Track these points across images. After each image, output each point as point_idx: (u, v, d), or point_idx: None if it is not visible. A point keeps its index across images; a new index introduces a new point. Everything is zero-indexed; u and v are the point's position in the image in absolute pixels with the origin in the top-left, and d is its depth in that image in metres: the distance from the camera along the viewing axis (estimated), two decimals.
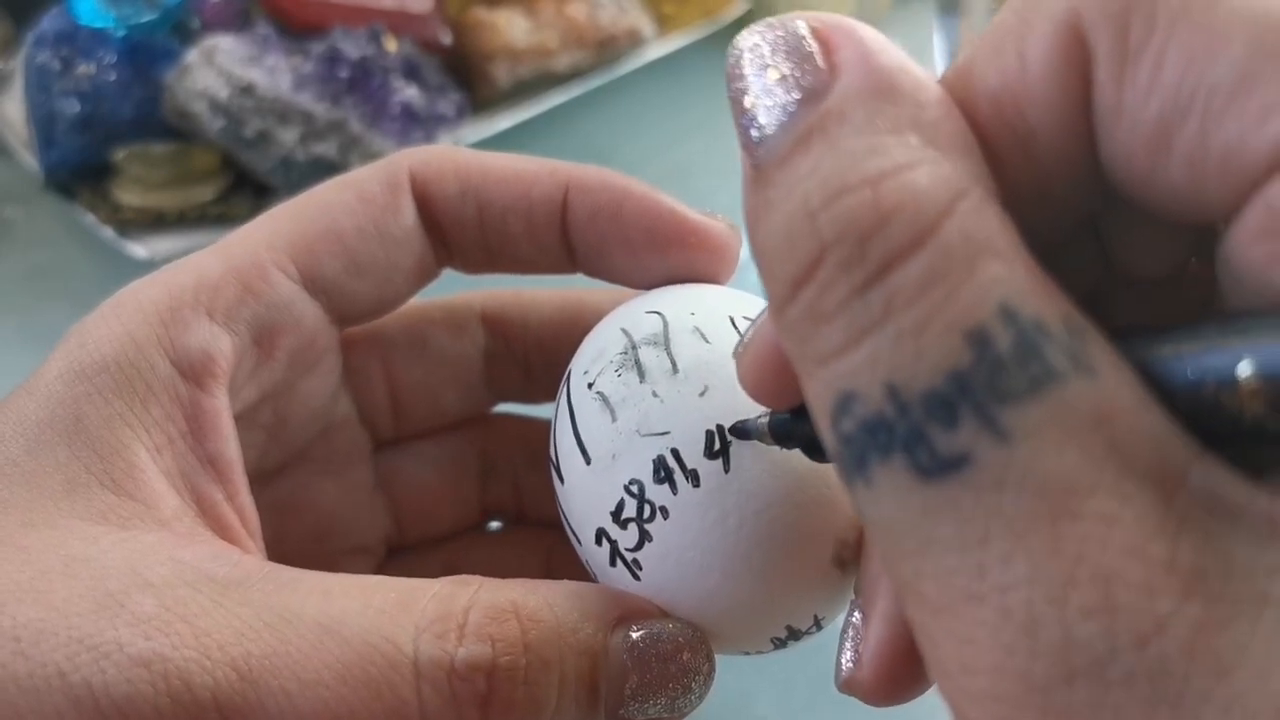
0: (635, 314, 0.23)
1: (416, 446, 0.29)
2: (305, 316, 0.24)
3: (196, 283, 0.22)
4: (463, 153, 0.25)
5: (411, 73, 0.53)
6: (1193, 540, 0.11)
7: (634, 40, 0.59)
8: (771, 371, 0.17)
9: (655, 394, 0.21)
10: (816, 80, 0.14)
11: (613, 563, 0.21)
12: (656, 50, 0.60)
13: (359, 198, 0.24)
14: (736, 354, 0.18)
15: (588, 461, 0.22)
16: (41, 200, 0.52)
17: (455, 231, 0.25)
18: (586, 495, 0.22)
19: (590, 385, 0.22)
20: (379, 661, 0.18)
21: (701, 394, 0.21)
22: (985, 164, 0.14)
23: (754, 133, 0.14)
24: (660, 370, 0.21)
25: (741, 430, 0.20)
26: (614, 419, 0.21)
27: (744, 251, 0.25)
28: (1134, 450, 0.12)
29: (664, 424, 0.21)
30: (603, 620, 0.20)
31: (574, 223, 0.25)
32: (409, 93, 0.52)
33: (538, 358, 0.28)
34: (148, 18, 0.53)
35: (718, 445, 0.20)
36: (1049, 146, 0.14)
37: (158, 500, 0.20)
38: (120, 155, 0.50)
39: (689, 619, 0.21)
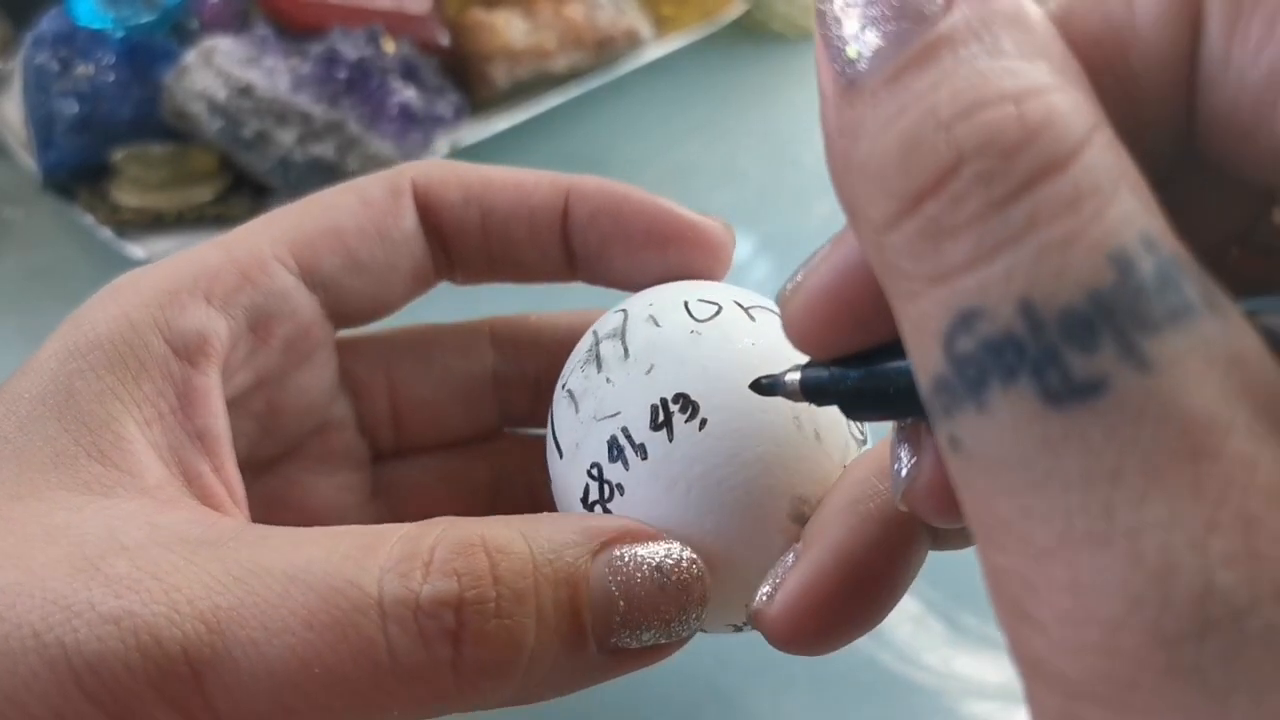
0: (607, 314, 0.24)
1: (422, 459, 0.29)
2: (302, 308, 0.24)
3: (196, 270, 0.23)
4: (463, 165, 0.26)
5: (410, 74, 0.53)
6: None
7: (632, 41, 0.59)
8: (826, 315, 0.16)
9: (609, 380, 0.22)
10: (929, 4, 0.13)
11: None
12: (655, 51, 0.60)
13: (361, 200, 0.25)
14: (781, 297, 0.17)
15: (560, 455, 0.23)
16: (40, 201, 0.52)
17: (458, 238, 0.26)
18: (562, 487, 0.23)
19: (563, 386, 0.23)
20: (343, 604, 0.18)
21: (648, 372, 0.22)
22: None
23: (855, 47, 0.13)
24: (615, 358, 0.22)
25: (768, 386, 0.20)
26: (577, 410, 0.22)
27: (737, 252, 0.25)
28: (1266, 394, 0.11)
29: (615, 406, 0.22)
30: (584, 547, 0.19)
31: (575, 226, 0.25)
32: (407, 94, 0.52)
33: (547, 380, 0.28)
34: (146, 19, 0.53)
35: (661, 417, 0.21)
36: (1149, 94, 0.14)
37: (143, 470, 0.20)
38: (119, 156, 0.50)
39: None
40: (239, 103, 0.49)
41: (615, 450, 0.21)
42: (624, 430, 0.21)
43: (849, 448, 0.22)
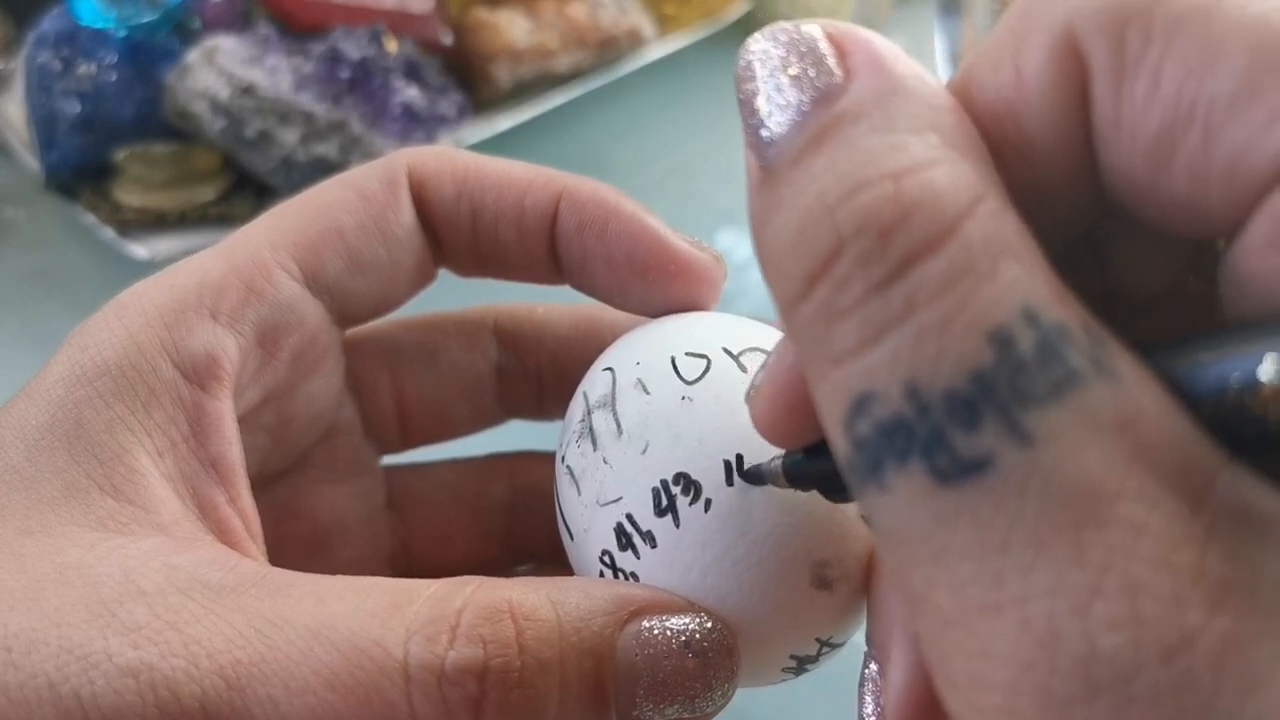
0: (594, 373, 0.23)
1: (435, 472, 0.29)
2: (309, 316, 0.23)
3: (200, 284, 0.22)
4: (460, 154, 0.25)
5: (412, 73, 0.53)
6: (1221, 550, 0.11)
7: (635, 41, 0.59)
8: (785, 409, 0.16)
9: (606, 460, 0.21)
10: (831, 82, 0.14)
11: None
12: (657, 51, 0.60)
13: (359, 196, 0.24)
14: (748, 397, 0.17)
15: (571, 537, 0.22)
16: (42, 201, 0.52)
17: (449, 234, 0.25)
18: (578, 569, 0.22)
19: (563, 459, 0.22)
20: (368, 666, 0.17)
21: (643, 452, 0.21)
22: (996, 172, 0.13)
23: (764, 133, 0.14)
24: (608, 434, 0.21)
25: (755, 475, 0.20)
26: (579, 492, 0.22)
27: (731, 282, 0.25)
28: (1160, 455, 0.11)
29: (616, 490, 0.21)
30: (612, 616, 0.19)
31: (561, 234, 0.24)
32: (410, 93, 0.52)
33: (551, 374, 0.28)
34: (148, 18, 0.53)
35: (664, 503, 0.20)
36: (1048, 160, 0.14)
37: (158, 505, 0.19)
38: (121, 156, 0.50)
39: None
40: (241, 102, 0.49)
41: (623, 539, 0.21)
42: (629, 517, 0.20)
43: None
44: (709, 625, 0.19)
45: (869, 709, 0.19)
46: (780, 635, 0.21)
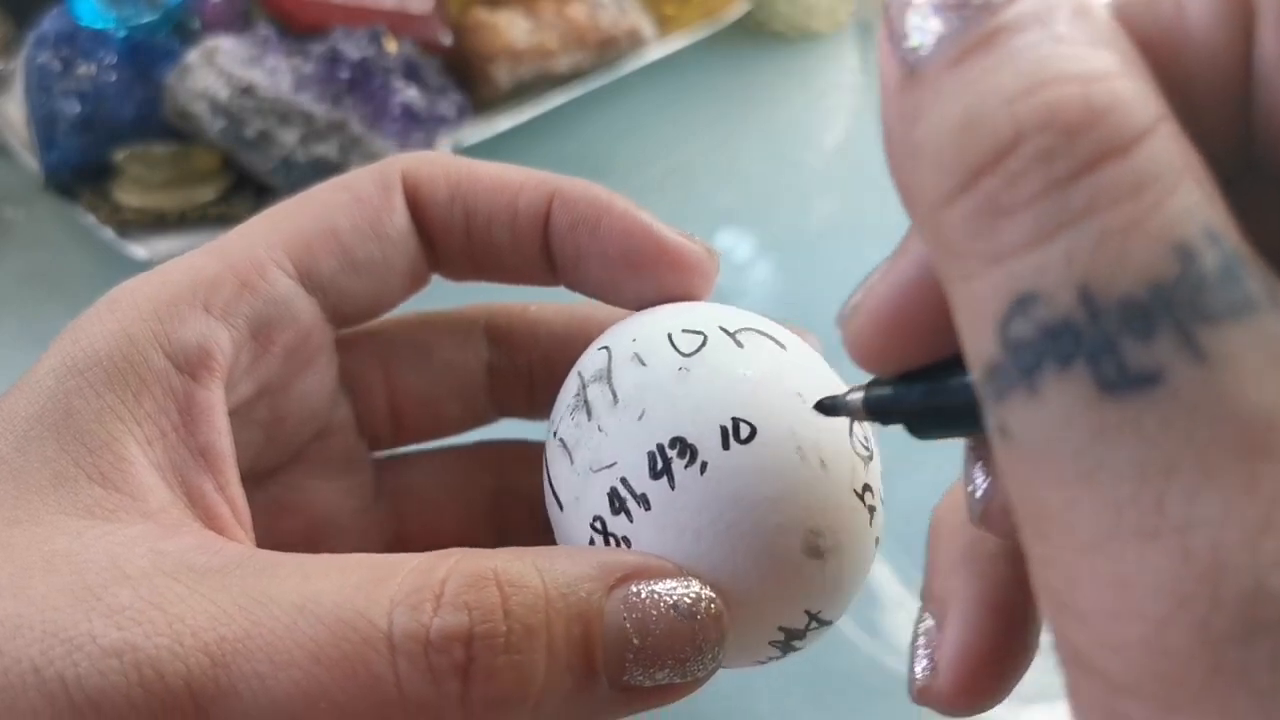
0: (590, 352, 0.23)
1: (425, 464, 0.29)
2: (302, 313, 0.24)
3: (193, 279, 0.22)
4: (453, 159, 0.25)
5: (412, 74, 0.53)
6: None
7: (635, 41, 0.59)
8: (888, 328, 0.16)
9: (601, 429, 0.21)
10: None
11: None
12: (657, 51, 0.60)
13: (354, 198, 0.24)
14: (841, 317, 0.17)
15: (560, 508, 0.22)
16: (42, 201, 0.52)
17: (443, 237, 0.25)
18: (566, 539, 0.22)
19: (555, 434, 0.22)
20: (352, 638, 0.17)
21: (639, 418, 0.21)
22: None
23: (918, 35, 0.13)
24: (604, 404, 0.22)
25: (830, 406, 0.19)
26: (571, 462, 0.22)
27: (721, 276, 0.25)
28: None
29: (611, 455, 0.21)
30: (599, 581, 0.19)
31: (555, 233, 0.25)
32: (409, 94, 0.52)
33: (542, 372, 0.28)
34: (148, 18, 0.53)
35: (659, 465, 0.20)
36: (1201, 98, 0.14)
37: (145, 492, 0.20)
38: (121, 156, 0.50)
39: None
40: (241, 102, 0.49)
41: (616, 502, 0.21)
42: (623, 481, 0.21)
43: (856, 470, 0.22)
44: (697, 589, 0.19)
45: (922, 666, 0.19)
46: (770, 604, 0.21)
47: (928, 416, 0.16)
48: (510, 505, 0.29)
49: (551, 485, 0.23)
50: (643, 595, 0.19)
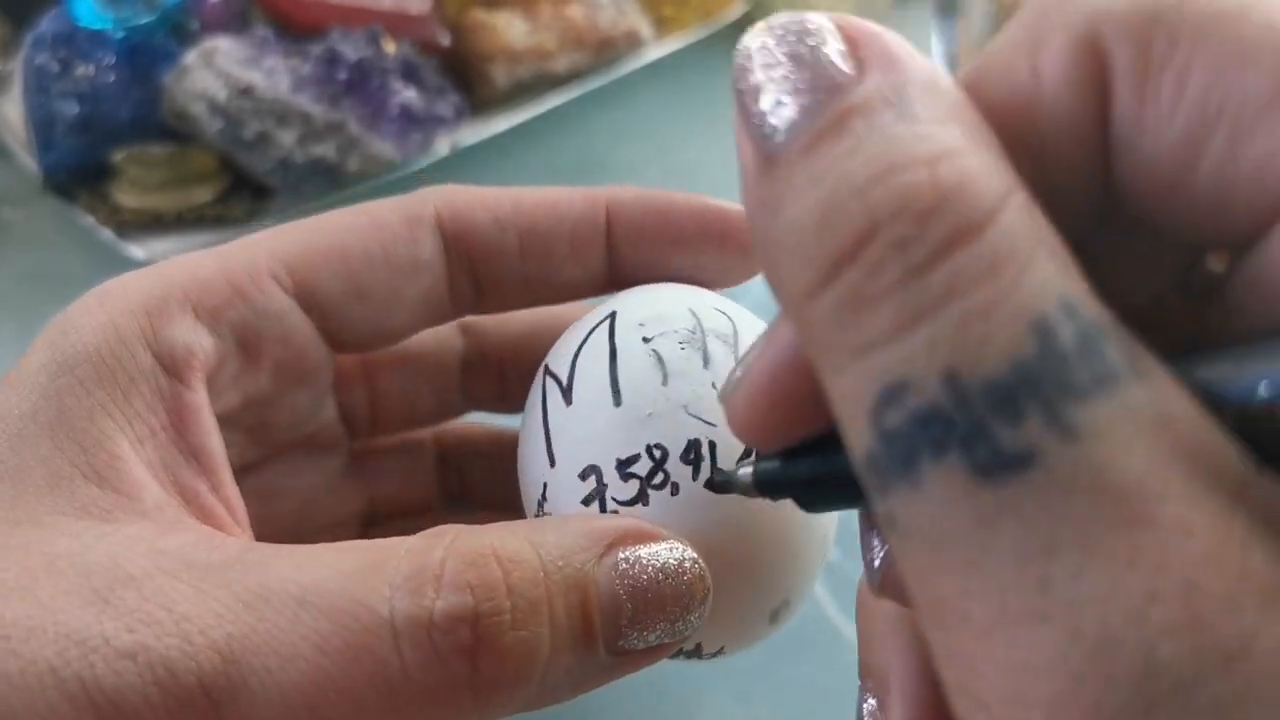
0: (700, 303, 0.23)
1: (384, 439, 0.30)
2: (296, 330, 0.23)
3: (187, 278, 0.22)
4: (487, 190, 0.26)
5: (410, 74, 0.53)
6: (1262, 553, 0.11)
7: (632, 42, 0.59)
8: (767, 407, 0.16)
9: (714, 385, 0.21)
10: (841, 74, 0.13)
11: (588, 502, 0.21)
12: (655, 52, 0.60)
13: (372, 223, 0.24)
14: (724, 395, 0.17)
15: (617, 403, 0.21)
16: (40, 202, 0.52)
17: (494, 263, 0.25)
18: (598, 430, 0.21)
19: (646, 340, 0.22)
20: (354, 626, 0.17)
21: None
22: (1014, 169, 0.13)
23: (771, 120, 0.13)
24: (725, 367, 0.21)
25: (723, 483, 0.19)
26: (665, 383, 0.21)
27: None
28: (1197, 458, 0.11)
29: (714, 416, 0.21)
30: (590, 551, 0.19)
31: (622, 234, 0.25)
32: (407, 94, 0.52)
33: (512, 366, 0.29)
34: (146, 19, 0.53)
35: (692, 455, 0.21)
36: (1059, 160, 0.14)
37: (140, 491, 0.20)
38: (119, 157, 0.50)
39: None
40: (239, 103, 0.49)
41: (694, 454, 0.21)
42: (712, 444, 0.21)
43: (828, 542, 0.23)
44: (680, 549, 0.20)
45: None
46: (720, 626, 0.21)
47: (816, 491, 0.16)
48: (453, 470, 0.30)
49: (615, 377, 0.22)
50: (631, 561, 0.19)
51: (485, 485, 0.30)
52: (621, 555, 0.19)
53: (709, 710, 0.33)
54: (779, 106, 0.13)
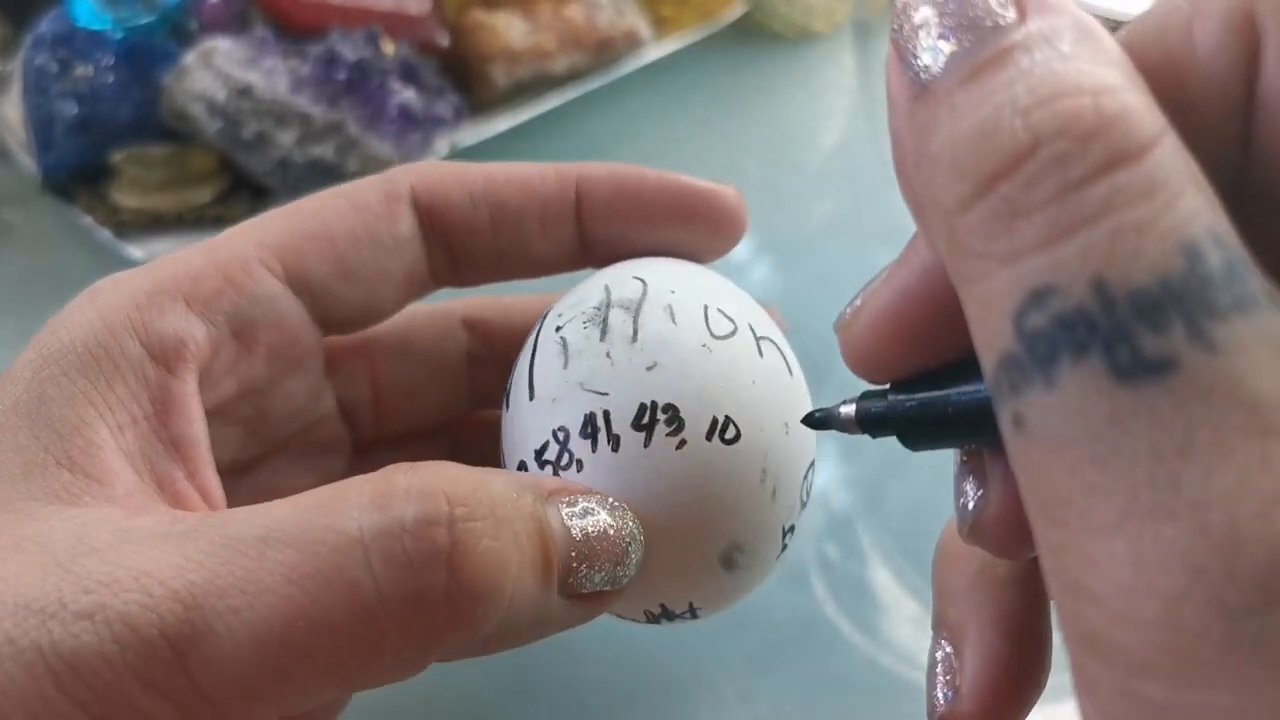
0: (623, 274, 0.24)
1: (390, 441, 0.30)
2: (288, 315, 0.24)
3: (177, 272, 0.22)
4: (461, 165, 0.26)
5: (409, 75, 0.53)
6: None
7: (632, 42, 0.59)
8: (887, 336, 0.16)
9: (609, 355, 0.22)
10: (1003, 17, 0.14)
11: None
12: (655, 52, 0.60)
13: (353, 204, 0.24)
14: (842, 323, 0.17)
15: (531, 397, 0.22)
16: (39, 202, 0.52)
17: (467, 238, 0.26)
18: (522, 428, 0.22)
19: (558, 329, 0.23)
20: (322, 551, 0.17)
21: (650, 368, 0.21)
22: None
23: (928, 57, 0.14)
24: (621, 335, 0.22)
25: (821, 420, 0.19)
26: (565, 365, 0.22)
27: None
28: None
29: (606, 385, 0.21)
30: (536, 493, 0.20)
31: (591, 211, 0.26)
32: (406, 95, 0.52)
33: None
34: (145, 20, 0.53)
35: (646, 419, 0.21)
36: (1206, 126, 0.14)
37: (112, 477, 0.20)
38: (118, 157, 0.50)
39: None
40: (238, 104, 0.49)
41: (590, 427, 0.21)
42: (605, 413, 0.21)
43: (794, 511, 0.23)
44: (609, 500, 0.20)
45: (944, 693, 0.19)
46: (668, 585, 0.22)
47: (921, 427, 0.17)
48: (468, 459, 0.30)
49: (531, 372, 0.23)
50: (574, 505, 0.20)
51: None
52: (564, 502, 0.20)
53: (710, 708, 0.33)
54: (939, 41, 0.14)
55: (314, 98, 0.50)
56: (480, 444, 0.30)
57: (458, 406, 0.30)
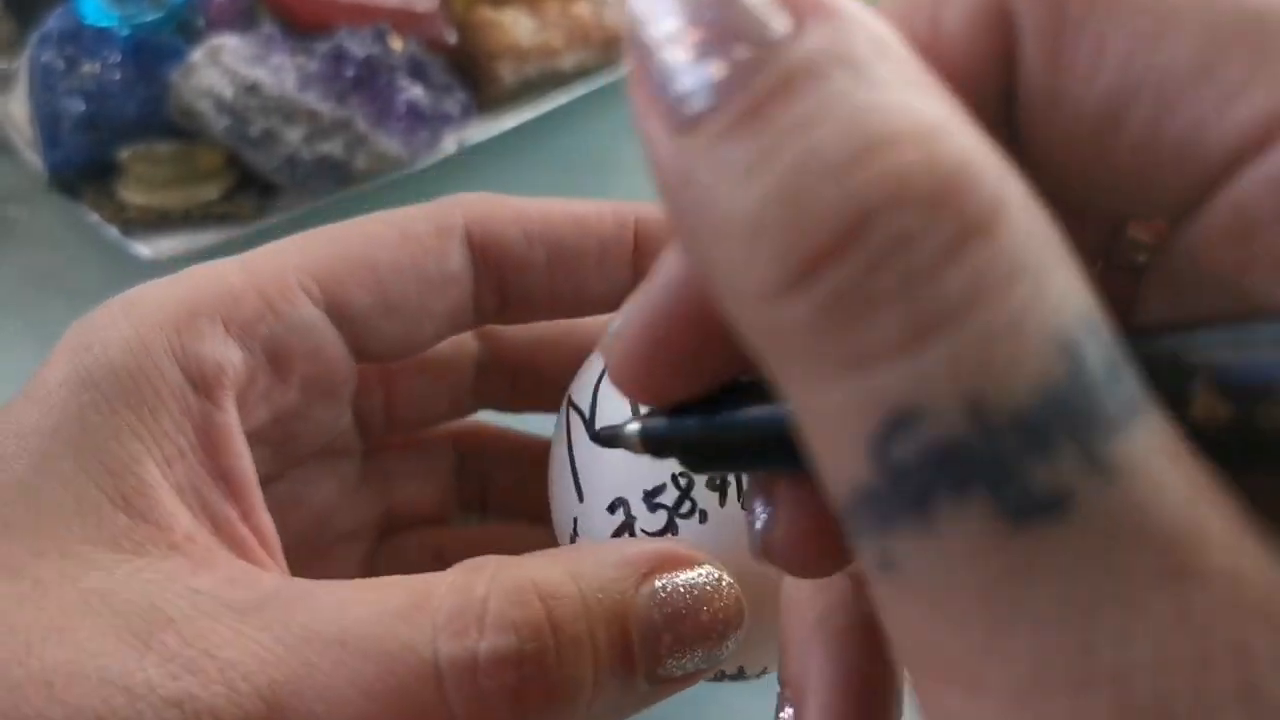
0: None
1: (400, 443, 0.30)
2: (325, 344, 0.23)
3: (216, 291, 0.21)
4: (517, 200, 0.25)
5: (417, 72, 0.53)
6: None
7: None
8: (650, 360, 0.14)
9: None
10: (776, 27, 0.11)
11: (618, 534, 0.21)
12: None
13: (402, 235, 0.23)
14: (604, 346, 0.15)
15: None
16: (46, 199, 0.52)
17: (522, 277, 0.25)
18: (622, 462, 0.21)
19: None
20: (399, 670, 0.17)
21: None
22: None
23: (687, 82, 0.11)
24: None
25: (609, 437, 0.18)
26: None
27: None
28: (1217, 493, 0.10)
29: None
30: (628, 580, 0.19)
31: (650, 252, 0.25)
32: (414, 92, 0.52)
33: (526, 369, 0.29)
34: (152, 17, 0.52)
35: (719, 481, 0.21)
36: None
37: (170, 521, 0.19)
38: (125, 154, 0.50)
39: None
40: (246, 101, 0.49)
41: (719, 480, 0.21)
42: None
43: None
44: (715, 574, 0.19)
45: None
46: (757, 647, 0.21)
47: (707, 451, 0.15)
48: (464, 479, 0.30)
49: (638, 410, 0.22)
50: (669, 589, 0.19)
51: (507, 493, 0.30)
52: (659, 583, 0.19)
53: (710, 706, 0.33)
54: (697, 64, 0.11)
55: (322, 95, 0.50)
56: (479, 451, 0.30)
57: (462, 411, 0.30)
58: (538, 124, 0.55)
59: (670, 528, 0.20)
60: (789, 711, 0.18)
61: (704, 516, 0.20)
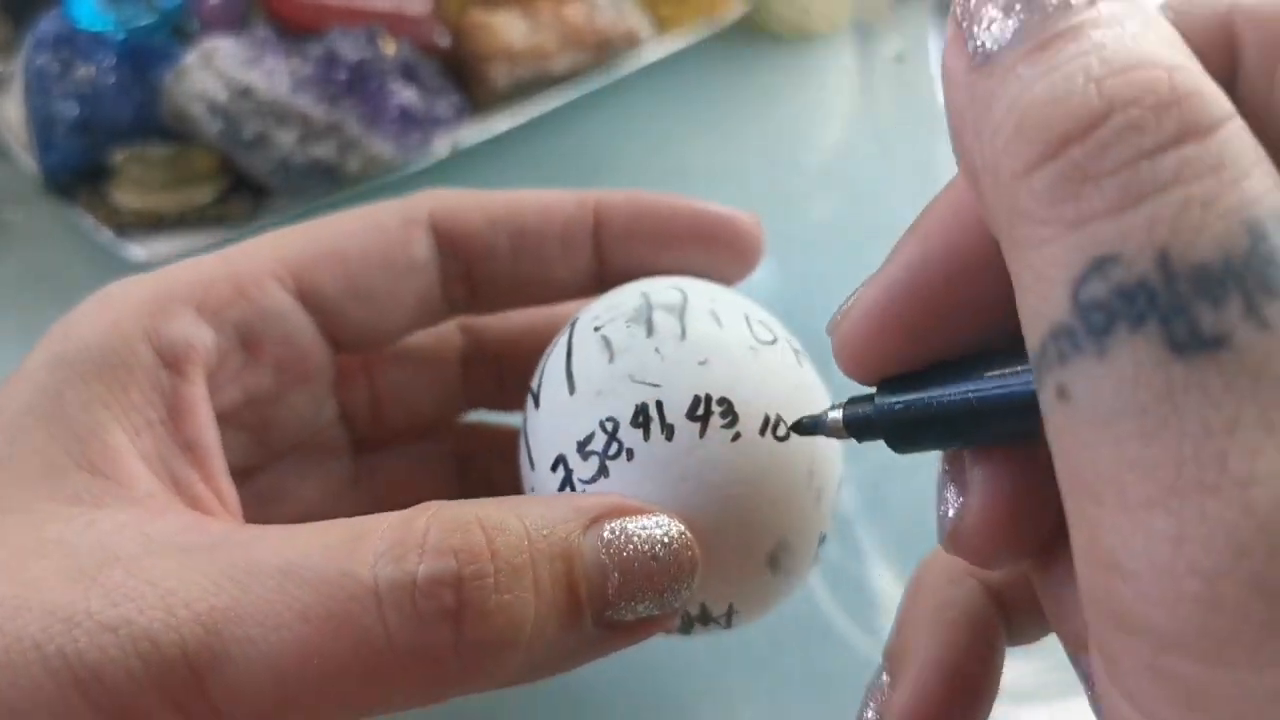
0: (657, 285, 0.24)
1: (395, 447, 0.30)
2: (297, 330, 0.24)
3: (189, 278, 0.23)
4: (483, 192, 0.26)
5: (409, 74, 0.53)
6: None
7: (632, 42, 0.59)
8: (876, 334, 0.16)
9: (658, 350, 0.22)
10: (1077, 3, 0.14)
11: (560, 489, 0.22)
12: (655, 52, 0.60)
13: (369, 226, 0.25)
14: (833, 323, 0.17)
15: (571, 391, 0.22)
16: (40, 202, 0.52)
17: (486, 262, 0.26)
18: (559, 421, 0.22)
19: (597, 329, 0.23)
20: (338, 595, 0.18)
21: (702, 363, 0.22)
22: None
23: (994, 29, 0.14)
24: (669, 333, 0.22)
25: (810, 425, 0.20)
26: (611, 360, 0.22)
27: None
28: None
29: (658, 377, 0.21)
30: (575, 522, 0.19)
31: (610, 235, 0.26)
32: (407, 94, 0.52)
33: (510, 363, 0.29)
34: (146, 20, 0.53)
35: (701, 410, 0.21)
36: None
37: (133, 480, 0.20)
38: (119, 157, 0.50)
39: None
40: (239, 104, 0.49)
41: (642, 417, 0.21)
42: (659, 404, 0.21)
43: (828, 519, 0.23)
44: (667, 523, 0.20)
45: (869, 714, 0.20)
46: (711, 582, 0.21)
47: (907, 429, 0.17)
48: (472, 480, 0.30)
49: (570, 370, 0.23)
50: (617, 532, 0.20)
51: (512, 493, 0.31)
52: (608, 527, 0.19)
53: (711, 707, 0.33)
54: (1006, 17, 0.14)
55: (314, 98, 0.51)
56: (482, 450, 0.31)
57: (453, 407, 0.30)
58: (530, 127, 0.55)
59: (602, 471, 0.21)
60: (885, 679, 0.20)
61: (630, 455, 0.21)
